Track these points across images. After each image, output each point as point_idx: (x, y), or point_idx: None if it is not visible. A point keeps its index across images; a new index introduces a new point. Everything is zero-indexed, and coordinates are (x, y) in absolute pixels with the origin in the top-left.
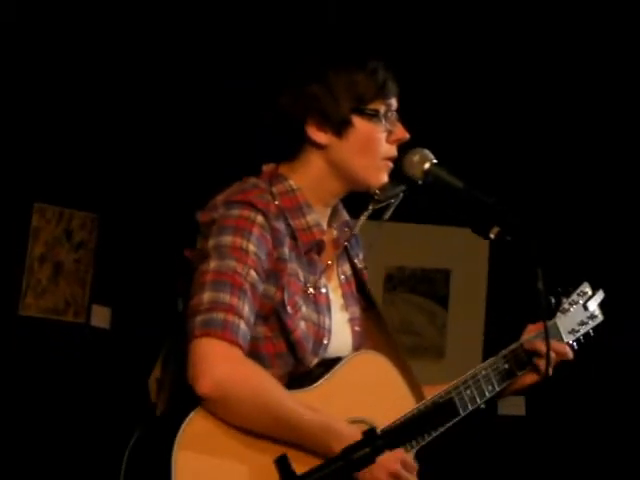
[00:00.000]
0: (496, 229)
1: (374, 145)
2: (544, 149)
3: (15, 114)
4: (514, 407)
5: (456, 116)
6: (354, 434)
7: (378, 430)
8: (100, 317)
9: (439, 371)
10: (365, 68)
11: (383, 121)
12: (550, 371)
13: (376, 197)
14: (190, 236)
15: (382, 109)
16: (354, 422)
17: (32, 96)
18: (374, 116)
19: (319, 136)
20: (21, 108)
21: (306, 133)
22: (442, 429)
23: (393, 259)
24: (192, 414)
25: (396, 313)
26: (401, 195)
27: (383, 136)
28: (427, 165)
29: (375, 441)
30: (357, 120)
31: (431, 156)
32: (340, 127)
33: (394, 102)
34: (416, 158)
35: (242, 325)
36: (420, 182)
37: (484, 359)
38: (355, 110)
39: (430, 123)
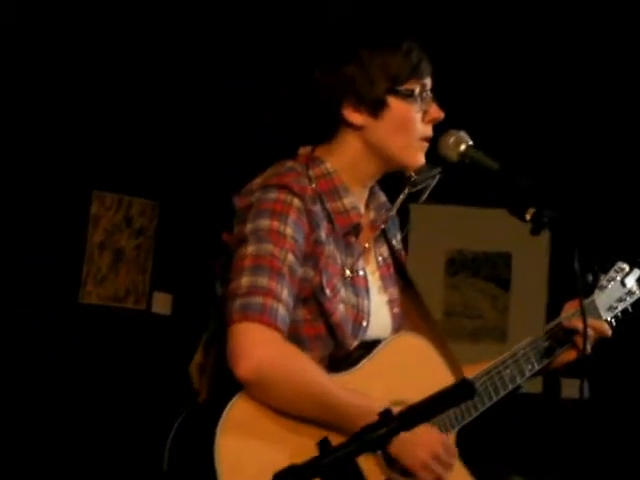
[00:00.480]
0: (532, 210)
1: (410, 125)
2: (581, 133)
3: (71, 103)
4: (577, 390)
5: (492, 97)
6: None
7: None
8: (161, 304)
9: (502, 354)
10: (399, 48)
11: (418, 101)
12: (589, 348)
13: (412, 179)
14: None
15: (417, 89)
16: (395, 404)
17: (86, 89)
18: (409, 96)
19: (355, 117)
20: (78, 98)
21: (342, 114)
22: (480, 408)
23: (454, 243)
24: (234, 399)
25: (458, 297)
26: (437, 177)
27: (419, 116)
28: (463, 147)
29: (391, 422)
30: (392, 100)
31: (467, 138)
32: (376, 107)
33: (428, 82)
34: (452, 140)
35: (281, 309)
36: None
37: None
38: (390, 90)
39: (465, 103)
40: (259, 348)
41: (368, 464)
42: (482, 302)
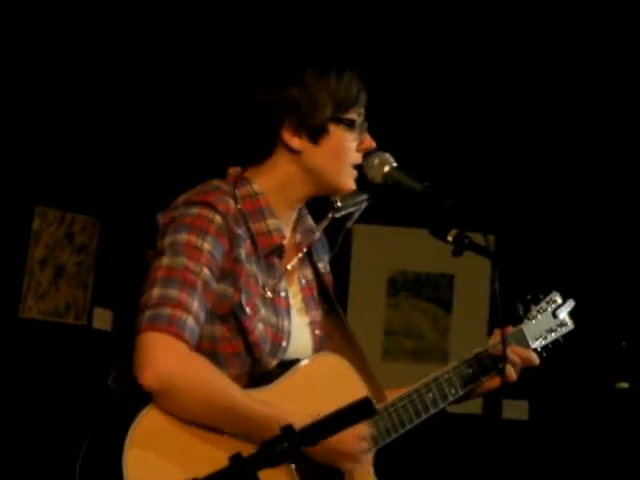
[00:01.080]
0: (454, 231)
1: (346, 153)
2: (514, 153)
3: (15, 117)
4: (517, 411)
5: (419, 120)
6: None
7: None
8: (102, 320)
9: None
10: (343, 77)
11: (357, 130)
12: (512, 376)
13: (336, 206)
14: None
15: (357, 118)
16: None
17: (33, 99)
18: (350, 125)
19: (294, 141)
20: (21, 111)
21: (280, 137)
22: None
23: (396, 263)
24: (144, 411)
25: (399, 317)
26: (364, 204)
27: (354, 145)
28: (387, 168)
29: (293, 437)
30: (334, 128)
31: (391, 159)
32: (317, 134)
33: (363, 110)
34: (376, 161)
35: (190, 321)
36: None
37: None
38: (333, 118)
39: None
40: (164, 358)
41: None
42: (423, 323)
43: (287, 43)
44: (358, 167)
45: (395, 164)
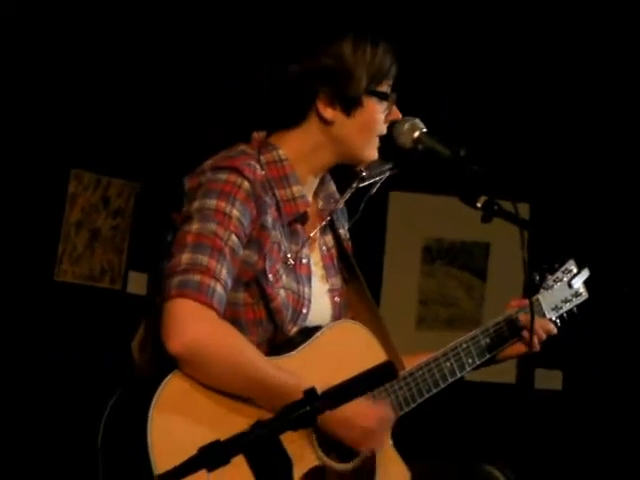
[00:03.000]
0: (483, 198)
1: (376, 125)
2: (540, 125)
3: (51, 81)
4: (551, 381)
5: (451, 87)
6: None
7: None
8: (137, 284)
9: None
10: (378, 48)
11: (386, 102)
12: (535, 346)
13: (361, 175)
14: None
15: (388, 91)
16: None
17: (69, 67)
18: (383, 98)
19: (327, 111)
20: (58, 76)
21: (314, 106)
22: (418, 399)
23: (432, 231)
24: (169, 376)
25: (434, 285)
26: (388, 173)
27: (383, 116)
28: (417, 133)
29: (315, 400)
30: (367, 100)
31: (421, 125)
32: (351, 105)
33: (392, 82)
34: (406, 127)
35: (218, 288)
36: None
37: None
38: (368, 91)
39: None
40: (192, 325)
41: (299, 448)
42: (458, 291)
43: (326, 12)
44: (387, 133)
45: (425, 129)
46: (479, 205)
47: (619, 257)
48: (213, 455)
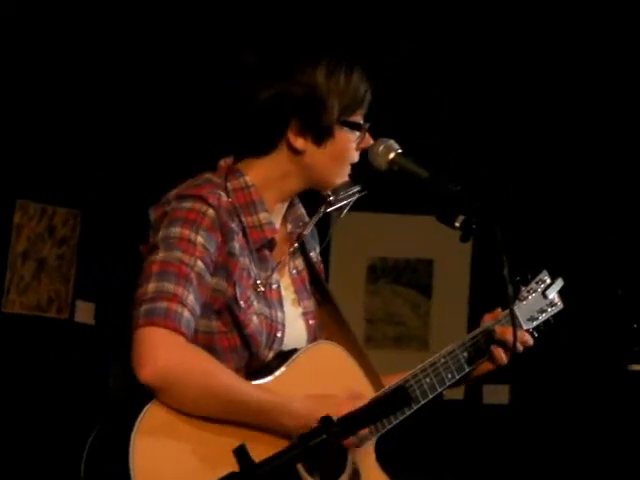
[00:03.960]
0: (461, 217)
1: (347, 154)
2: (510, 138)
3: None
4: (498, 396)
5: (419, 106)
6: (306, 410)
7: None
8: (84, 313)
9: (423, 360)
10: (352, 77)
11: (358, 132)
12: (504, 359)
13: (329, 200)
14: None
15: (361, 120)
16: None
17: (12, 92)
18: (356, 129)
19: (298, 141)
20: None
21: (285, 135)
22: (399, 416)
23: (376, 250)
24: (148, 405)
25: (380, 304)
26: (356, 196)
27: (355, 145)
28: (392, 155)
29: (331, 428)
30: (338, 130)
31: (396, 146)
32: (322, 136)
33: (365, 110)
34: (381, 149)
35: (185, 313)
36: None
37: None
38: (340, 121)
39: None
40: (161, 352)
41: None
42: (403, 309)
43: (298, 40)
44: (362, 155)
45: (400, 150)
46: (457, 225)
47: (614, 259)
48: None
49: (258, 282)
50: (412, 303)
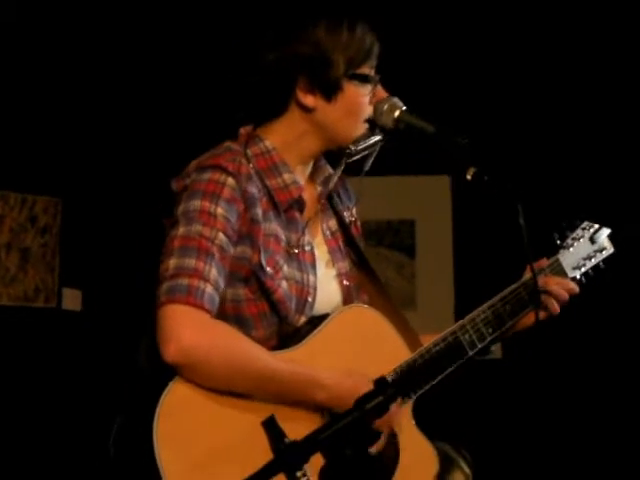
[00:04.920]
0: (472, 169)
1: (360, 109)
2: (521, 95)
3: None
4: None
5: (430, 65)
6: (337, 380)
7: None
8: (71, 300)
9: (412, 321)
10: (355, 31)
11: (369, 85)
12: (555, 308)
13: (348, 151)
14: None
15: (370, 72)
16: None
17: None
18: (364, 81)
19: (307, 98)
20: None
21: (294, 94)
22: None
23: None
24: (172, 382)
25: None
26: (378, 145)
27: (367, 98)
28: (397, 113)
29: (387, 389)
30: (347, 84)
31: (400, 104)
32: (330, 91)
33: (375, 63)
34: (386, 107)
35: (208, 289)
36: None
37: (456, 306)
38: (347, 74)
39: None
40: (185, 330)
41: None
42: (388, 271)
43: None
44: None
45: (405, 107)
46: (469, 177)
47: None
48: (291, 456)
49: (289, 244)
50: (396, 264)
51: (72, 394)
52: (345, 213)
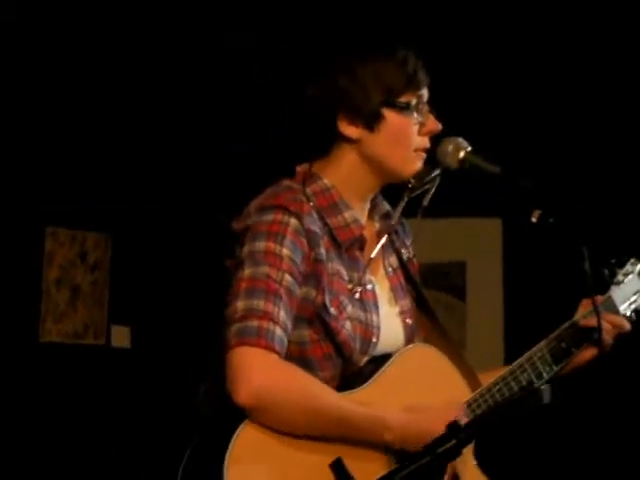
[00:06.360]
0: (538, 212)
1: (406, 138)
2: (577, 128)
3: (17, 136)
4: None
5: (487, 103)
6: (405, 421)
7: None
8: (120, 337)
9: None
10: (394, 58)
11: (415, 113)
12: (608, 344)
13: (410, 185)
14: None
15: (413, 101)
16: None
17: (34, 119)
18: (405, 108)
19: (351, 130)
20: (23, 130)
21: (337, 128)
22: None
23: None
24: (242, 426)
25: None
26: (438, 180)
27: (415, 128)
28: (462, 153)
29: (459, 433)
30: (388, 113)
31: (465, 144)
32: (371, 121)
33: (425, 93)
34: (450, 147)
35: (278, 331)
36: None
37: (505, 348)
38: (386, 103)
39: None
40: (256, 373)
41: None
42: (439, 313)
43: (331, 31)
44: (432, 155)
45: (470, 148)
46: (534, 220)
47: None
48: None
49: (352, 284)
50: (447, 307)
51: (120, 432)
52: (403, 250)
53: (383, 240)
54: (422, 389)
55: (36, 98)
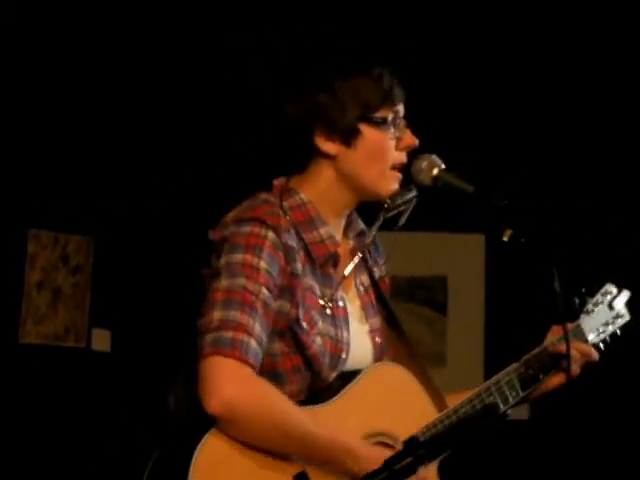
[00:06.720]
0: (509, 231)
1: (383, 152)
2: (552, 148)
3: (2, 138)
4: (517, 411)
5: (462, 118)
6: (368, 451)
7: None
8: (101, 341)
9: (441, 379)
10: (370, 74)
11: (391, 128)
12: (576, 372)
13: (386, 206)
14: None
15: (390, 116)
16: (372, 435)
17: (19, 118)
18: (382, 123)
19: (328, 146)
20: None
21: (315, 144)
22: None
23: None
24: (207, 435)
25: None
26: (414, 201)
27: (392, 144)
28: (436, 171)
29: (417, 450)
30: (365, 128)
31: (439, 161)
32: (348, 136)
33: (401, 108)
34: (424, 164)
35: (252, 343)
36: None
37: (486, 365)
38: (362, 118)
39: (436, 126)
40: (229, 384)
41: None
42: (419, 327)
43: (307, 48)
44: (405, 171)
45: (444, 166)
46: (505, 239)
47: None
48: None
49: (324, 299)
50: (427, 321)
51: (98, 435)
52: (375, 269)
53: (357, 259)
54: (386, 408)
55: (23, 98)
